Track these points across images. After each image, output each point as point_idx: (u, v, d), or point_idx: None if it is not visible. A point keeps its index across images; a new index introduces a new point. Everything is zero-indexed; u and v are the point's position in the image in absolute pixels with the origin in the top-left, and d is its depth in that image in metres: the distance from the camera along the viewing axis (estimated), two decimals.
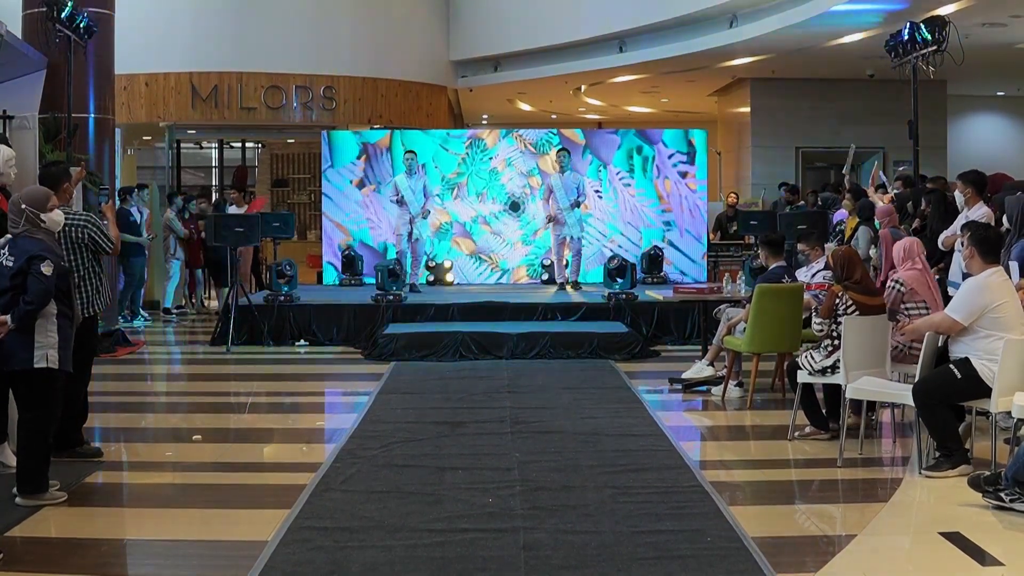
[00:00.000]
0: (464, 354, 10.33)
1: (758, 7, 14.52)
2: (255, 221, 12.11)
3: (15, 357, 5.34)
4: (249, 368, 10.36)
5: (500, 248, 14.99)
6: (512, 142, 15.05)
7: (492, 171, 15.02)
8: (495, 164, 15.00)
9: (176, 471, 6.30)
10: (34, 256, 5.32)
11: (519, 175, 14.92)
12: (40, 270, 5.29)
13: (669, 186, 14.96)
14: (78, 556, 4.70)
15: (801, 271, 8.63)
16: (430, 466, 6.07)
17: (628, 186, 14.96)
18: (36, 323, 5.34)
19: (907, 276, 6.75)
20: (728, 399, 8.23)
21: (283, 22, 16.82)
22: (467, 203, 14.95)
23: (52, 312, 5.40)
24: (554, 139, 14.93)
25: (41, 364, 5.37)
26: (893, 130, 14.70)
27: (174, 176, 18.85)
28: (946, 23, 9.87)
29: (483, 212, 14.96)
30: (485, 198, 14.94)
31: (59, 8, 10.26)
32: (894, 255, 7.07)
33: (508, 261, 14.98)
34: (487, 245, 14.96)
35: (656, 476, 5.86)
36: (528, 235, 14.96)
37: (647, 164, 14.99)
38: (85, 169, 8.35)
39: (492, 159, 15.01)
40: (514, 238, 15.00)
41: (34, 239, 5.42)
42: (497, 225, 14.97)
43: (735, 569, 4.41)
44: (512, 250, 14.98)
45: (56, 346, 5.41)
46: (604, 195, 14.93)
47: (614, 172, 14.96)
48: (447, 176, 14.84)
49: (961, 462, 5.82)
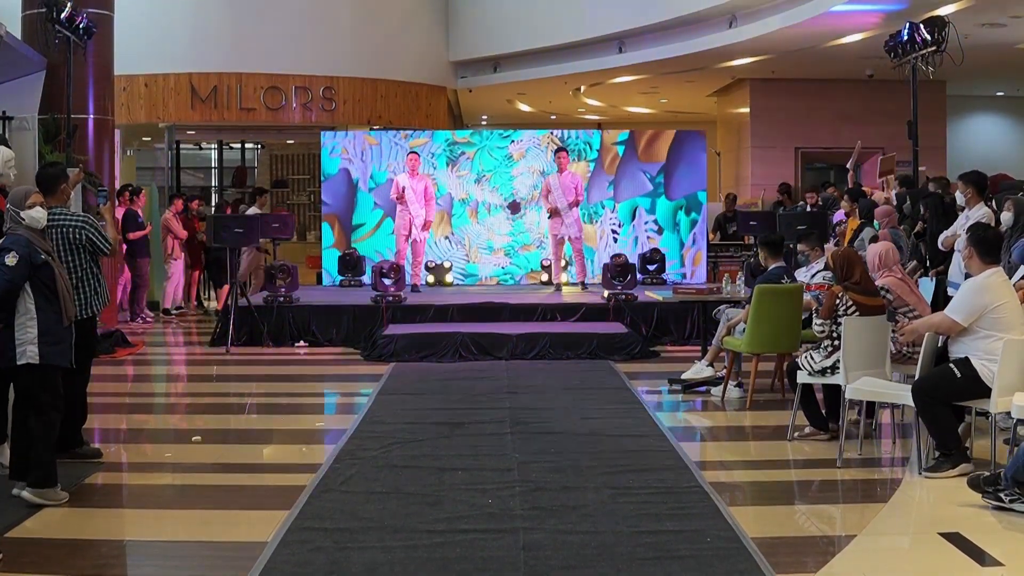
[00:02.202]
0: (464, 355, 10.33)
1: (758, 7, 14.52)
2: (255, 222, 12.11)
3: (3, 355, 5.45)
4: (249, 369, 10.36)
5: (476, 242, 14.22)
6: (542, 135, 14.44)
7: (507, 157, 14.36)
8: (513, 150, 14.28)
9: (176, 472, 6.30)
10: (2, 249, 5.40)
11: (531, 174, 14.27)
12: (4, 261, 5.35)
13: (699, 258, 14.43)
14: (78, 557, 4.70)
15: (801, 271, 8.64)
16: (430, 467, 6.07)
17: (651, 236, 14.39)
18: (15, 320, 5.41)
19: (889, 283, 6.78)
20: (728, 399, 8.23)
21: (282, 23, 16.81)
22: (464, 179, 14.18)
23: (30, 307, 5.44)
24: (594, 140, 14.37)
25: (22, 360, 5.42)
26: (893, 130, 14.69)
27: (173, 177, 18.84)
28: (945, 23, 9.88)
29: (476, 196, 14.26)
30: (486, 183, 14.26)
31: (58, 9, 10.27)
32: (869, 260, 7.08)
33: (478, 265, 14.31)
34: (461, 236, 14.21)
35: (656, 476, 5.85)
36: (515, 246, 14.31)
37: (685, 227, 14.43)
38: (83, 171, 8.34)
39: (513, 143, 14.36)
40: (497, 244, 14.33)
41: (14, 235, 5.50)
42: (487, 220, 14.32)
43: (735, 569, 4.41)
44: (488, 255, 14.30)
45: (35, 341, 5.43)
46: (621, 236, 14.35)
47: (643, 218, 14.35)
48: (456, 140, 14.28)
49: (961, 461, 5.81)
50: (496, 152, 14.49)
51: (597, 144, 14.62)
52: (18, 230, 5.52)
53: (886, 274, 6.87)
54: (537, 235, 14.31)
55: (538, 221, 14.24)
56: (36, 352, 5.43)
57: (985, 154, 18.95)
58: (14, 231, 5.52)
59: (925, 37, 9.89)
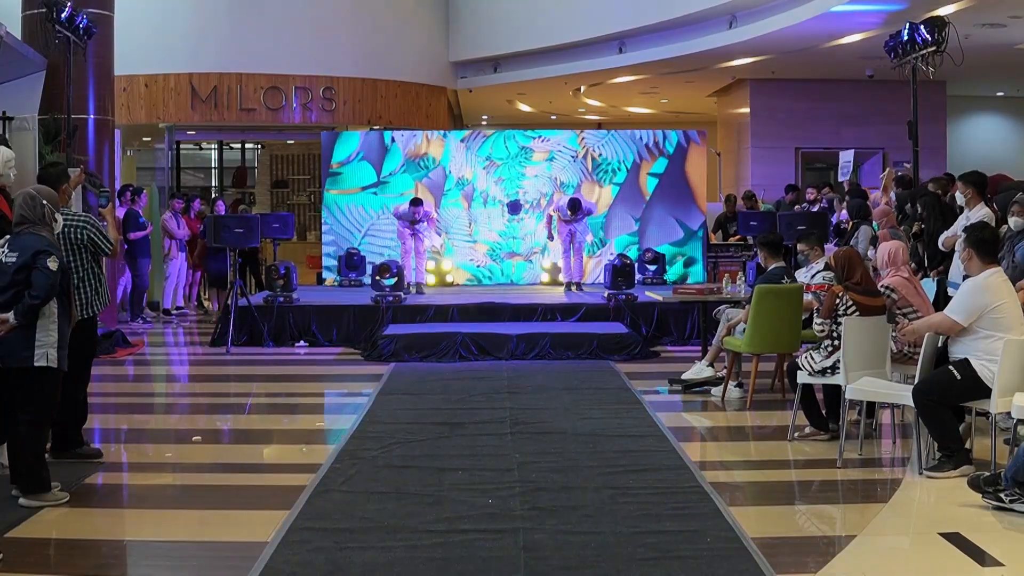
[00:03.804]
0: (464, 355, 10.33)
1: (757, 7, 14.52)
2: (254, 222, 12.11)
3: (15, 354, 5.33)
4: (249, 369, 10.36)
5: (454, 235, 13.91)
6: (574, 143, 14.07)
7: (525, 150, 14.02)
8: (535, 147, 13.86)
9: (176, 472, 6.30)
10: (40, 251, 5.32)
11: (550, 181, 13.90)
12: (47, 265, 5.29)
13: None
14: (78, 557, 4.70)
15: (801, 271, 8.63)
16: (430, 467, 6.07)
17: None
18: (38, 321, 5.34)
19: (895, 282, 6.77)
20: (728, 400, 8.23)
21: (282, 23, 16.82)
22: (469, 158, 13.73)
23: (54, 310, 5.40)
24: (629, 156, 13.90)
25: (41, 362, 5.36)
26: (892, 131, 14.71)
27: (173, 177, 18.85)
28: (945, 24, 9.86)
29: (478, 182, 13.81)
30: (491, 171, 13.85)
31: (59, 9, 10.26)
32: (879, 257, 7.08)
33: (454, 249, 13.90)
34: (446, 225, 13.88)
35: (656, 477, 5.85)
36: (500, 250, 14.05)
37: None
38: (84, 172, 8.34)
39: (535, 139, 13.95)
40: (481, 237, 14.00)
41: (39, 236, 5.41)
42: (476, 211, 13.99)
43: (735, 569, 4.40)
44: (467, 250, 13.97)
45: (55, 345, 5.41)
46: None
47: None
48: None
49: (963, 462, 5.81)
50: (511, 144, 14.07)
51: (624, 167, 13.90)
52: (42, 231, 5.44)
53: (893, 273, 6.85)
54: (527, 247, 13.83)
55: (533, 231, 14.00)
56: (56, 356, 5.41)
57: (985, 154, 18.95)
58: (38, 231, 5.42)
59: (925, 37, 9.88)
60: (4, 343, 5.31)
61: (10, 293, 5.31)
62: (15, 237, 5.43)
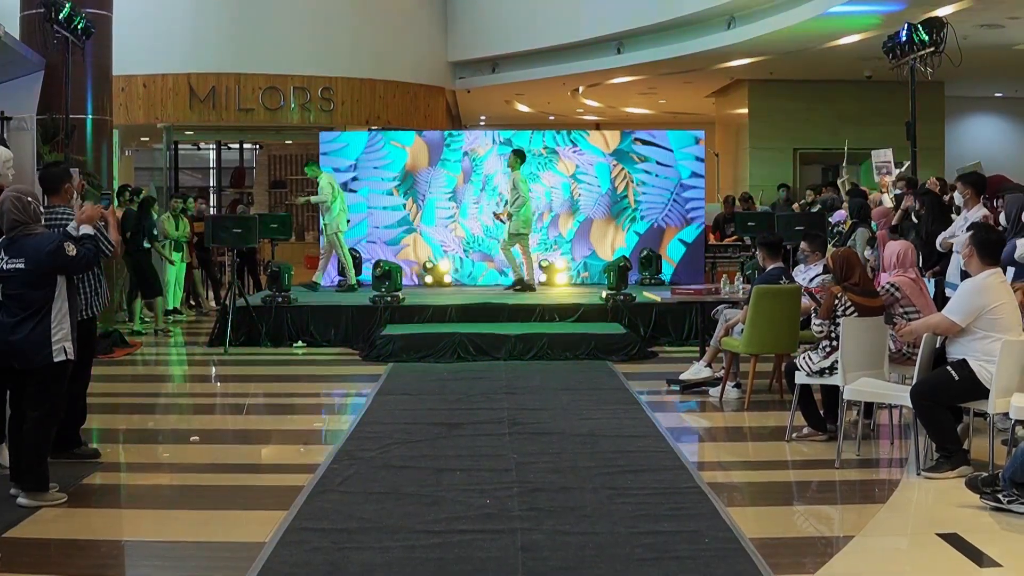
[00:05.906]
0: (462, 355, 10.33)
1: (756, 8, 14.54)
2: (252, 222, 12.10)
3: (37, 354, 5.35)
4: (247, 369, 10.36)
5: (439, 207, 13.75)
6: (595, 149, 13.75)
7: (551, 153, 13.67)
8: (564, 154, 13.56)
9: (174, 472, 6.29)
10: (52, 251, 5.35)
11: (552, 188, 13.66)
12: (68, 254, 5.39)
13: None
14: (76, 557, 4.70)
15: (798, 271, 8.63)
16: (428, 467, 6.07)
17: None
18: (52, 316, 5.36)
19: (900, 282, 6.77)
20: (726, 400, 8.22)
21: (281, 23, 16.82)
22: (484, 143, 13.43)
23: (64, 304, 5.44)
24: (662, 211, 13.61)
25: (60, 358, 5.40)
26: (891, 131, 14.71)
27: (172, 177, 18.85)
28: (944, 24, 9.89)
29: (483, 170, 13.62)
30: (503, 160, 13.44)
31: (57, 9, 10.26)
32: (886, 257, 7.08)
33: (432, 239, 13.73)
34: (428, 226, 13.70)
35: (654, 477, 5.85)
36: (474, 246, 13.83)
37: None
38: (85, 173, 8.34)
39: (568, 147, 13.64)
40: (463, 224, 13.74)
41: (39, 235, 5.43)
42: (468, 192, 13.81)
43: (733, 570, 4.41)
44: (451, 242, 13.81)
45: (69, 337, 5.46)
46: None
47: None
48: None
49: (961, 463, 5.81)
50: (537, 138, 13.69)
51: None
52: (36, 228, 5.47)
53: (900, 273, 6.84)
54: (503, 262, 13.36)
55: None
56: (72, 348, 5.46)
57: (983, 155, 18.87)
58: (32, 231, 5.42)
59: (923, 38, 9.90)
60: (24, 345, 5.32)
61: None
62: (12, 243, 5.41)
